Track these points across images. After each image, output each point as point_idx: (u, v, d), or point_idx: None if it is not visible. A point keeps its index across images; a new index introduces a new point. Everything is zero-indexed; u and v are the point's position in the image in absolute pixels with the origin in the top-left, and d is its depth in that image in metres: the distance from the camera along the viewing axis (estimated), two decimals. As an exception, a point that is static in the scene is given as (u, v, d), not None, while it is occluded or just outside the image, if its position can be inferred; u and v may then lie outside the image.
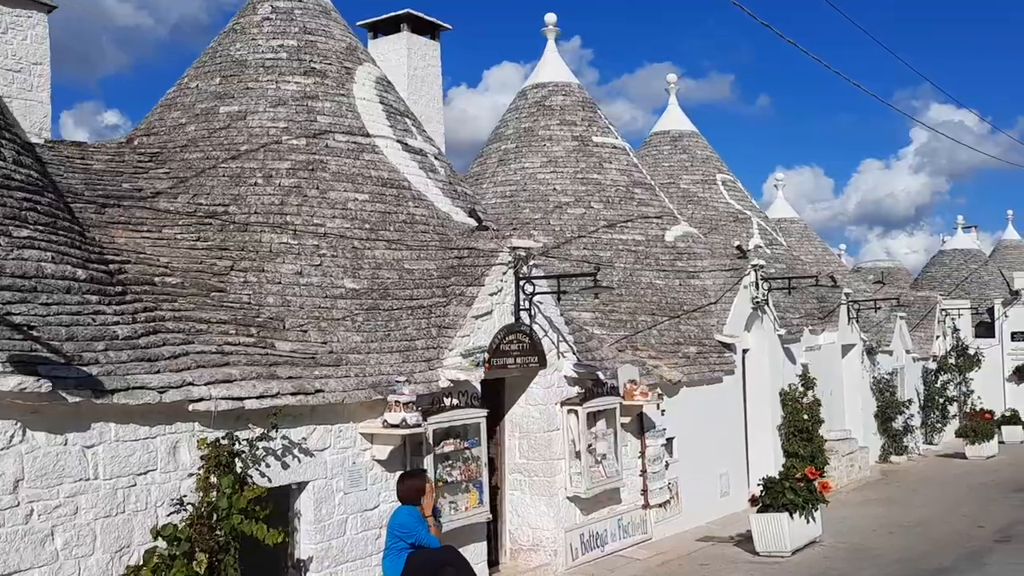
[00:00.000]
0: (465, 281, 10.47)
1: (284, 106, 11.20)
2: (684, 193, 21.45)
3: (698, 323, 15.65)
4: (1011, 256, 41.63)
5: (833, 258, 28.57)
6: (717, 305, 16.06)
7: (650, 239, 16.61)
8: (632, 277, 15.76)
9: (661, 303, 15.54)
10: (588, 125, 17.88)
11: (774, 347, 17.25)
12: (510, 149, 17.74)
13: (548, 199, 16.64)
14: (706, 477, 14.64)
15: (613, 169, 17.38)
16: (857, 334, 21.23)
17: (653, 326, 14.90)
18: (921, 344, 26.44)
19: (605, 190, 16.94)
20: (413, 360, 9.45)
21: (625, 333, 14.52)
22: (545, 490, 11.33)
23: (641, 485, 12.97)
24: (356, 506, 8.65)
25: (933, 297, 28.10)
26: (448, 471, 9.45)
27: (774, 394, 17.22)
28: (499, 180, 17.30)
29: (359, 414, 8.73)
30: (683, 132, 22.70)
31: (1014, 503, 15.45)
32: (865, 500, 16.26)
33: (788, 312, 19.26)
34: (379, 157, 11.36)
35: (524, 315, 10.86)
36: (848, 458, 18.55)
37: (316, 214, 10.22)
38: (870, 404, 21.82)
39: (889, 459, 21.92)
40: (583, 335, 12.91)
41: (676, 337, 14.99)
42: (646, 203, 17.23)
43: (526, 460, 11.47)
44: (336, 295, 9.52)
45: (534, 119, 17.93)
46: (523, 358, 10.90)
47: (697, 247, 17.22)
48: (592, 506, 11.93)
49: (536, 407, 11.39)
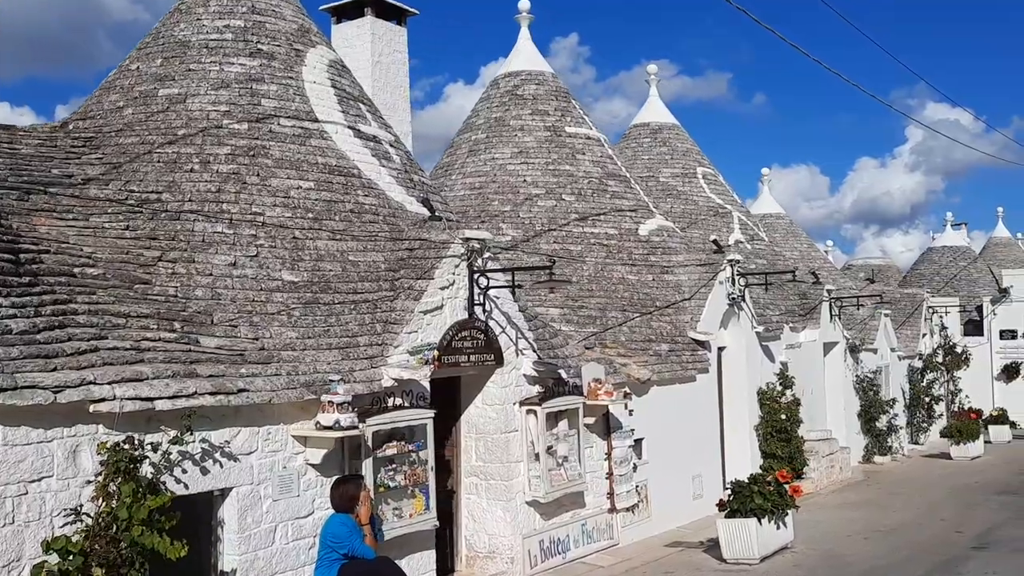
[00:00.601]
0: (415, 274, 9.91)
1: (226, 89, 10.61)
2: (663, 187, 20.91)
3: (671, 320, 15.10)
4: (1001, 253, 41.20)
5: (819, 255, 28.04)
6: (691, 301, 15.52)
7: (623, 233, 16.06)
8: (603, 272, 15.21)
9: (633, 299, 14.99)
10: (561, 115, 17.31)
11: (751, 345, 16.72)
12: (480, 139, 17.17)
13: (518, 191, 16.08)
14: (678, 479, 14.10)
15: (586, 160, 16.83)
16: (840, 332, 20.70)
17: (623, 323, 14.35)
18: (907, 342, 25.94)
19: (577, 182, 16.38)
20: (354, 357, 8.89)
21: (594, 330, 13.96)
22: (502, 494, 10.78)
23: (607, 488, 12.42)
24: (287, 514, 8.08)
25: (920, 294, 27.59)
26: (391, 476, 8.89)
27: (751, 393, 16.70)
28: (468, 171, 16.73)
29: (291, 415, 8.17)
30: (663, 124, 22.16)
31: (994, 507, 14.94)
32: (844, 503, 15.74)
33: (768, 309, 18.74)
34: (327, 143, 10.78)
35: (479, 310, 10.31)
36: (828, 459, 18.03)
37: (255, 202, 9.64)
38: (853, 403, 21.30)
39: (872, 459, 21.41)
40: (547, 332, 12.35)
41: (647, 334, 14.43)
42: (620, 196, 16.67)
43: (483, 463, 10.92)
44: (272, 288, 8.95)
45: (505, 108, 17.36)
46: (478, 356, 10.34)
47: (673, 241, 16.67)
48: (554, 511, 11.38)
49: (493, 407, 10.83)
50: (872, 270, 42.97)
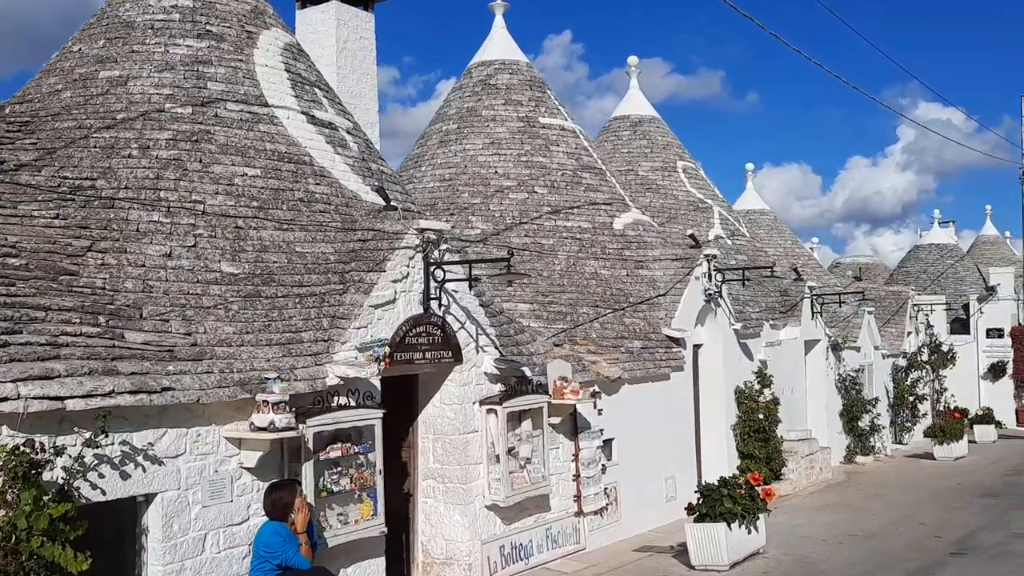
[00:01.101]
0: (366, 266, 9.41)
1: (171, 71, 10.08)
2: (643, 180, 20.44)
3: (645, 316, 14.63)
4: (989, 252, 40.91)
5: (803, 252, 27.66)
6: (666, 297, 15.05)
7: (597, 226, 15.57)
8: (575, 266, 14.72)
9: (605, 294, 14.51)
10: (535, 105, 16.82)
11: (729, 342, 16.27)
12: (451, 130, 16.66)
13: (489, 183, 15.58)
14: (650, 481, 13.63)
15: (560, 152, 16.34)
16: (822, 329, 20.28)
17: (595, 319, 13.87)
18: (892, 340, 25.56)
19: (551, 174, 15.89)
20: (297, 354, 8.38)
21: (564, 326, 13.48)
22: (461, 498, 10.29)
23: (574, 490, 11.95)
24: (218, 521, 7.57)
25: (905, 292, 27.20)
26: (335, 480, 8.39)
27: (729, 392, 16.24)
28: (438, 163, 16.23)
29: (225, 416, 7.66)
30: (643, 117, 21.68)
31: (976, 510, 14.52)
32: (822, 505, 15.30)
33: (748, 306, 18.29)
34: (278, 129, 10.26)
35: (435, 305, 9.82)
36: (808, 459, 17.60)
37: (195, 190, 9.11)
38: (835, 403, 20.89)
39: (854, 460, 20.99)
40: (512, 328, 11.86)
41: (620, 331, 13.96)
42: (595, 188, 16.19)
43: (440, 465, 10.42)
44: (209, 280, 8.43)
45: (478, 98, 16.86)
46: (434, 352, 9.85)
47: (649, 236, 16.20)
48: (516, 515, 10.89)
49: (451, 407, 10.34)
50: (860, 268, 42.64)
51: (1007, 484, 17.24)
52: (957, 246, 39.03)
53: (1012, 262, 36.70)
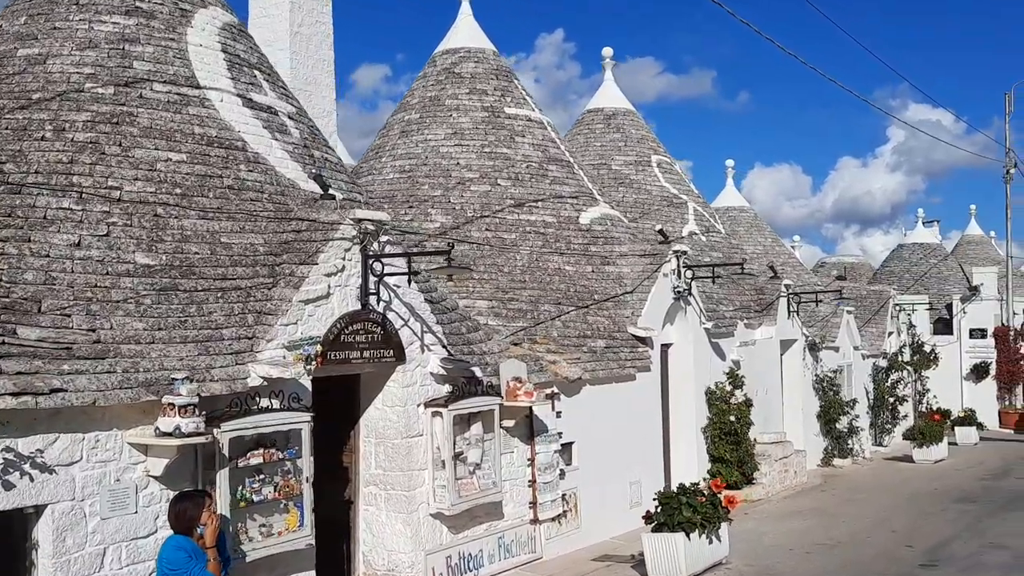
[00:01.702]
0: (298, 259, 8.79)
1: (94, 49, 9.43)
2: (616, 175, 19.86)
3: (610, 314, 14.04)
4: (973, 251, 40.52)
5: (784, 250, 27.08)
6: (633, 295, 14.47)
7: (562, 221, 14.98)
8: (538, 262, 14.12)
9: (569, 291, 13.92)
10: (501, 95, 16.21)
11: (700, 341, 15.71)
12: (413, 120, 16.05)
13: (450, 175, 14.97)
14: (613, 486, 13.04)
15: (526, 143, 15.74)
16: (799, 329, 19.73)
17: (556, 317, 13.28)
18: (872, 340, 25.05)
19: (515, 166, 15.29)
20: (215, 352, 7.76)
21: (524, 324, 12.88)
22: (403, 506, 9.68)
23: (530, 497, 11.35)
24: (120, 534, 6.94)
25: (886, 291, 26.70)
26: (257, 488, 7.76)
27: (699, 393, 15.68)
28: (399, 153, 15.61)
29: (129, 419, 7.03)
30: (618, 110, 21.10)
31: (951, 516, 13.99)
32: (794, 511, 14.75)
33: (721, 304, 17.74)
34: (209, 112, 9.62)
35: (375, 301, 9.21)
36: (782, 463, 17.05)
37: (113, 175, 8.46)
38: (812, 404, 20.36)
39: (832, 462, 20.46)
40: (465, 325, 11.27)
41: (583, 329, 13.37)
42: (561, 182, 15.59)
43: (383, 471, 9.81)
44: (121, 272, 7.79)
45: (441, 87, 16.24)
46: (373, 351, 9.24)
47: (617, 231, 15.61)
48: (465, 523, 10.29)
49: (394, 409, 9.73)
50: (845, 268, 42.20)
51: (985, 489, 16.73)
52: (941, 246, 38.62)
53: (996, 262, 36.25)
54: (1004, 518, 13.75)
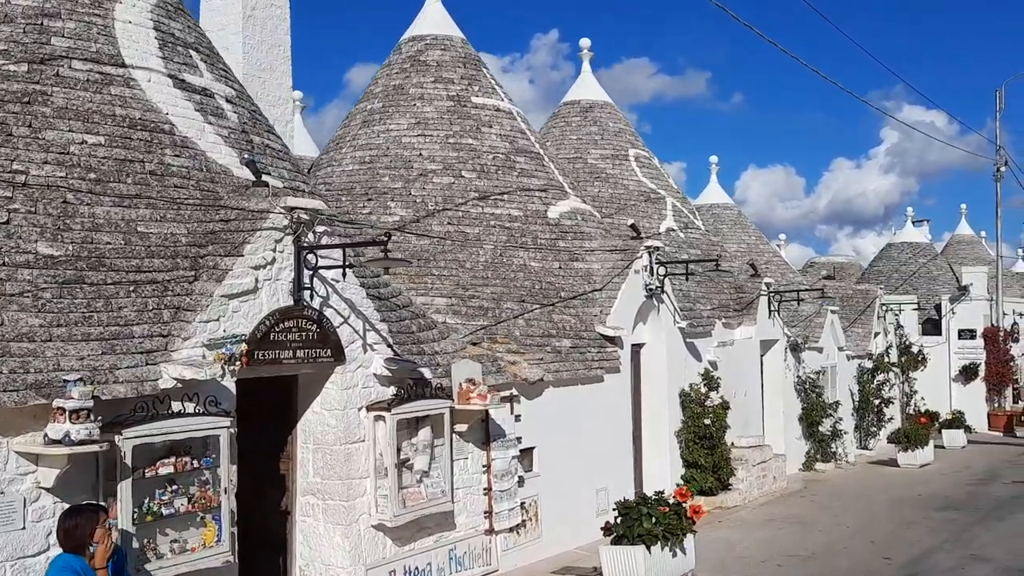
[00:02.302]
0: (223, 250, 8.11)
1: (9, 24, 8.71)
2: (591, 169, 19.22)
3: (577, 313, 13.40)
4: (964, 251, 40.01)
5: (768, 248, 26.46)
6: (602, 292, 13.82)
7: (529, 215, 14.32)
8: (502, 258, 13.46)
9: (534, 288, 13.26)
10: (468, 84, 15.55)
11: (673, 341, 15.07)
12: (376, 109, 15.38)
13: (412, 166, 14.30)
14: (578, 494, 12.39)
15: (493, 134, 15.08)
16: (780, 328, 19.11)
17: (520, 315, 12.63)
18: (858, 341, 24.43)
19: (480, 157, 14.62)
20: (122, 351, 7.08)
21: (484, 323, 12.22)
22: (342, 516, 9.01)
23: (485, 506, 10.70)
24: (6, 552, 6.27)
25: (872, 291, 26.08)
26: (167, 500, 7.09)
27: (673, 395, 15.05)
28: (359, 144, 14.93)
29: (17, 425, 6.37)
30: (595, 102, 20.46)
31: (934, 525, 13.37)
32: (769, 518, 14.11)
33: (699, 303, 17.11)
34: (134, 93, 8.92)
35: (311, 296, 8.54)
36: (760, 468, 16.41)
37: (18, 158, 7.77)
38: (795, 406, 19.73)
39: (814, 467, 19.83)
40: (417, 323, 10.60)
41: (547, 328, 12.72)
42: (529, 174, 14.94)
43: (321, 479, 9.14)
44: (19, 263, 7.11)
45: (406, 76, 15.57)
46: (308, 351, 8.57)
47: (587, 226, 14.97)
48: (411, 535, 9.63)
49: (332, 413, 9.06)
50: (834, 267, 41.64)
51: (970, 495, 16.12)
52: (931, 245, 38.06)
53: (987, 262, 35.67)
54: (989, 527, 13.14)
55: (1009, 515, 14.10)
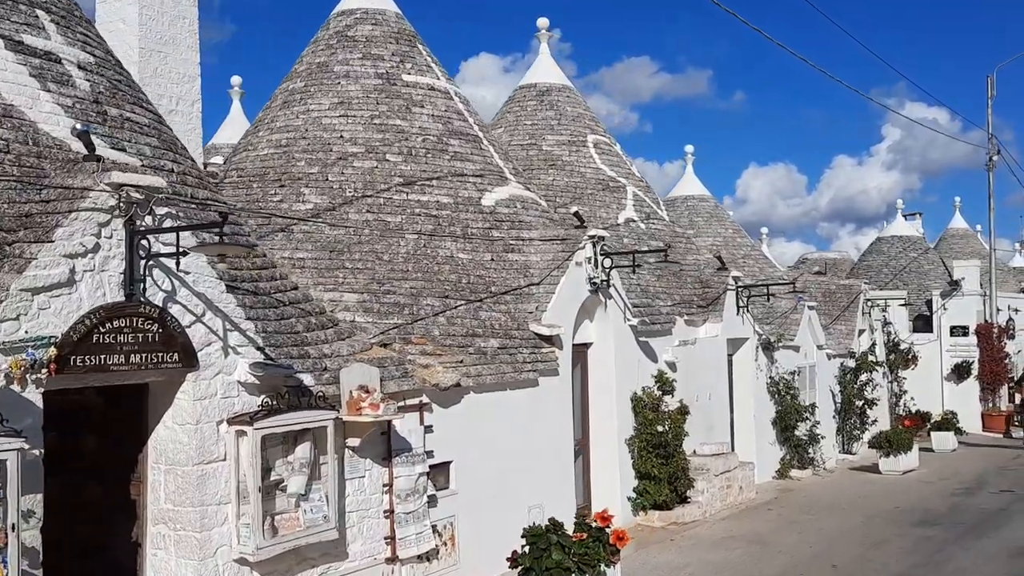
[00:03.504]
0: (33, 236, 6.78)
1: None
2: (546, 156, 17.89)
3: (509, 309, 12.07)
4: (958, 245, 38.70)
5: (746, 241, 25.13)
6: (540, 287, 12.50)
7: (460, 202, 12.99)
8: (426, 249, 12.13)
9: (460, 283, 11.93)
10: (400, 61, 14.22)
11: (624, 340, 13.74)
12: (297, 89, 14.05)
13: (331, 149, 12.97)
14: (505, 513, 11.03)
15: (425, 115, 13.75)
16: (750, 326, 17.76)
17: (440, 312, 11.29)
18: (840, 339, 23.09)
19: (408, 139, 13.29)
20: None
21: (399, 321, 10.89)
22: (195, 550, 7.67)
23: (387, 531, 9.36)
24: None
25: (856, 285, 24.73)
26: (-67, 540, 5.76)
27: (623, 400, 13.72)
28: (277, 126, 13.61)
29: None
30: (552, 86, 19.13)
31: (908, 544, 12.03)
32: (727, 536, 12.77)
33: (658, 298, 15.77)
34: (-56, 53, 7.61)
35: (143, 289, 7.21)
36: (724, 478, 15.07)
37: None
38: (767, 410, 18.39)
39: (789, 474, 18.48)
40: (305, 322, 9.26)
41: (472, 327, 11.39)
42: (464, 158, 13.61)
43: (173, 505, 7.79)
44: None
45: (331, 52, 14.25)
46: (148, 355, 7.22)
47: (528, 214, 13.64)
48: (287, 568, 8.28)
49: (184, 428, 7.71)
50: (826, 263, 40.30)
51: (953, 508, 14.77)
52: (922, 239, 36.69)
53: (982, 256, 34.27)
54: (967, 546, 11.81)
55: (993, 531, 12.76)
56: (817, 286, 25.46)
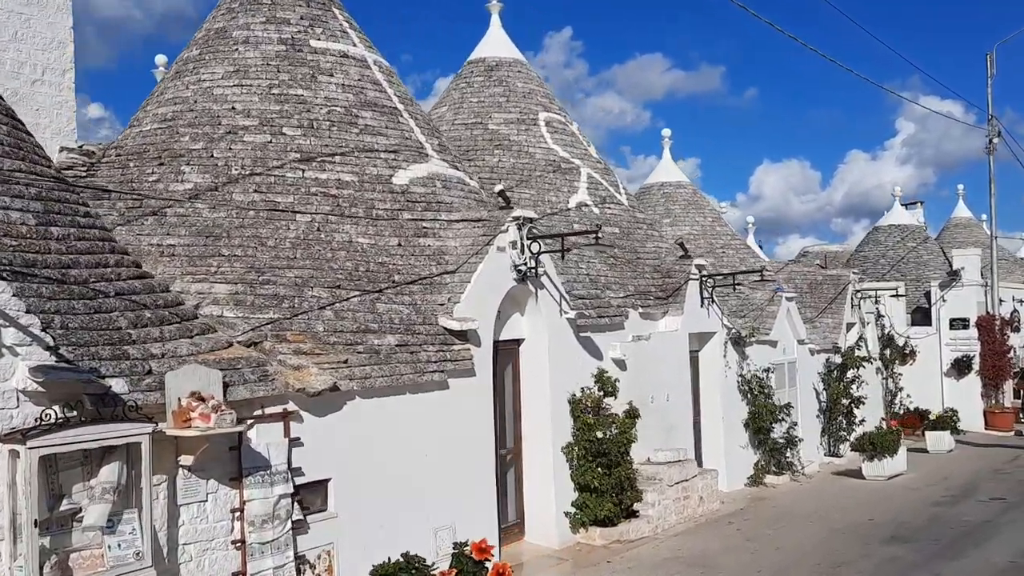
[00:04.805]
0: None
1: None
2: (492, 135, 16.35)
3: (415, 301, 10.54)
4: (961, 235, 36.95)
5: (725, 231, 23.49)
6: (456, 275, 10.98)
7: (366, 180, 11.47)
8: (320, 233, 10.61)
9: (357, 271, 10.41)
10: (309, 25, 12.71)
11: (559, 336, 12.20)
12: (192, 57, 12.55)
13: (220, 122, 11.46)
14: (400, 537, 9.53)
15: (333, 84, 12.23)
16: (718, 319, 16.19)
17: (328, 305, 9.77)
18: (826, 333, 21.46)
19: (311, 111, 11.78)
20: None
21: (276, 316, 9.38)
22: (-45, 599, 6.20)
23: (237, 564, 7.86)
24: None
25: (844, 276, 23.07)
26: None
27: (560, 403, 12.19)
28: (166, 99, 12.11)
29: None
30: (502, 60, 17.58)
31: (871, 566, 10.41)
32: (673, 557, 11.20)
33: (609, 289, 14.22)
34: None
35: None
36: (681, 488, 13.49)
37: None
38: (739, 410, 16.80)
39: (763, 480, 16.88)
40: (134, 317, 7.75)
41: (366, 322, 9.86)
42: (376, 132, 12.09)
43: (-68, 542, 6.32)
44: None
45: (232, 16, 12.74)
46: None
47: (451, 195, 12.11)
48: (92, 614, 6.79)
49: (-58, 446, 6.24)
50: (826, 256, 38.55)
51: (932, 520, 13.14)
52: (922, 227, 34.95)
53: (985, 245, 32.51)
54: (937, 571, 10.20)
55: (972, 548, 11.15)
56: (803, 277, 23.87)
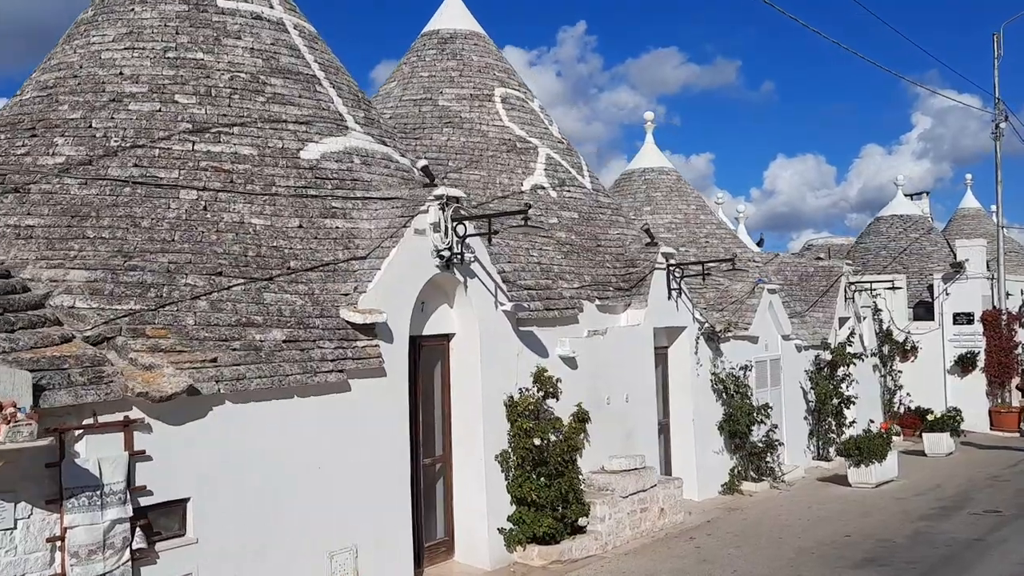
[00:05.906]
0: None
1: None
2: (441, 112, 15.00)
3: (312, 290, 9.21)
4: (969, 226, 35.45)
5: (710, 220, 22.06)
6: (366, 261, 9.65)
7: (267, 154, 10.14)
8: (207, 213, 9.28)
9: (244, 256, 9.08)
10: (219, -16, 11.38)
11: (496, 331, 10.86)
12: (84, 20, 11.26)
13: (104, 89, 10.15)
14: (287, 564, 8.21)
15: (240, 48, 10.92)
16: (688, 312, 14.80)
17: (204, 294, 8.45)
18: (816, 328, 20.03)
19: (210, 77, 10.46)
20: None
21: (139, 306, 8.06)
22: None
23: (57, 603, 6.56)
24: None
25: (836, 267, 21.62)
26: None
27: (495, 405, 10.84)
28: (51, 65, 10.82)
29: None
30: (457, 32, 16.22)
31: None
32: (614, 584, 9.85)
33: (562, 279, 12.86)
34: None
35: None
36: (636, 500, 12.12)
37: None
38: (713, 412, 15.42)
39: (739, 488, 15.49)
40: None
41: (248, 314, 8.53)
42: (287, 101, 10.77)
43: None
44: None
45: (131, -26, 11.43)
46: None
47: (371, 172, 10.79)
48: None
49: None
50: (829, 248, 37.04)
51: (914, 536, 11.72)
52: (926, 218, 33.41)
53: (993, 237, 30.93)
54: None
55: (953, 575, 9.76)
56: (793, 268, 22.43)
